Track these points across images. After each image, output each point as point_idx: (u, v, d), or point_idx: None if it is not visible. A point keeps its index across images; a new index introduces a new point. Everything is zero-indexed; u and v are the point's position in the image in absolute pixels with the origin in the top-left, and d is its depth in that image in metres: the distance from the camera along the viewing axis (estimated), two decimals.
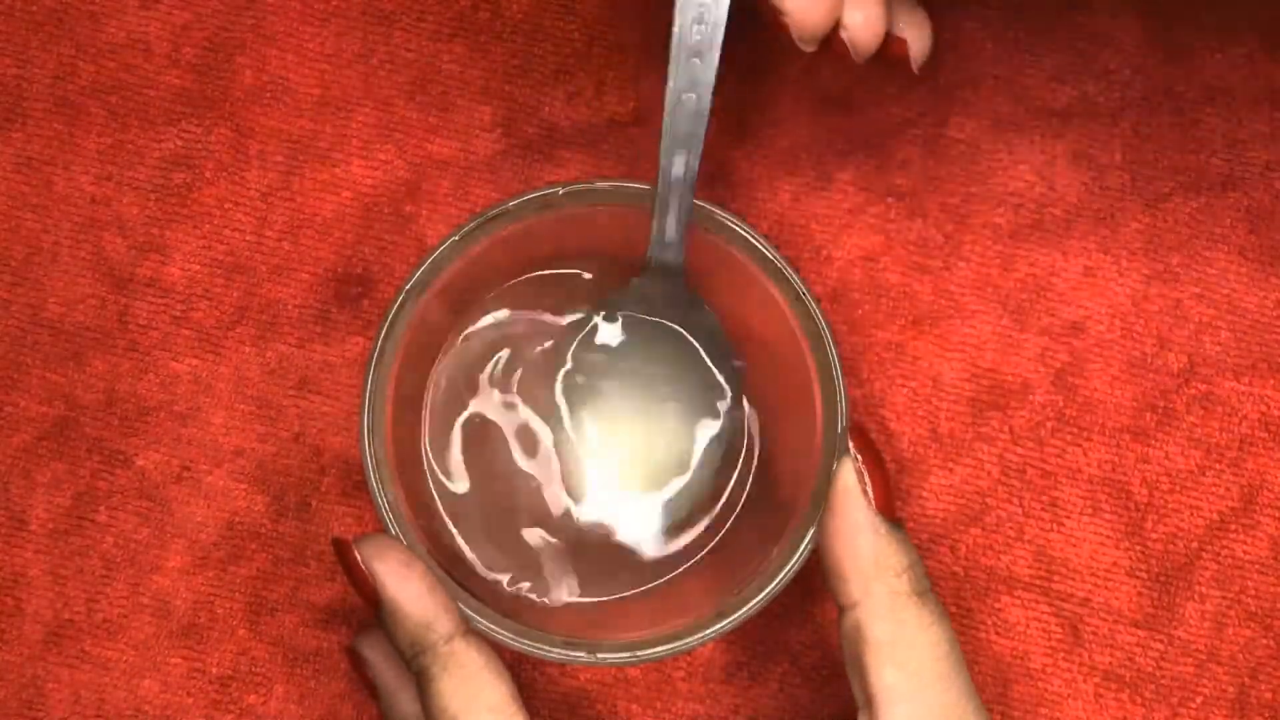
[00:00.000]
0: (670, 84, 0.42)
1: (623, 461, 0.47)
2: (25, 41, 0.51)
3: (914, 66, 0.44)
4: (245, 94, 0.51)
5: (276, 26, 0.51)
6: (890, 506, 0.42)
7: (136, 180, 0.51)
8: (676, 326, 0.47)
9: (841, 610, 0.42)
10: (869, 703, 0.41)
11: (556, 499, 0.47)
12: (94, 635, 0.49)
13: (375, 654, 0.45)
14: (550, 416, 0.47)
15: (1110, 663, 0.49)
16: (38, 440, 0.50)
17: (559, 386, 0.47)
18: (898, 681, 0.41)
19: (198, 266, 0.50)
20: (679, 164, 0.43)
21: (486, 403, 0.47)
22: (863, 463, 0.43)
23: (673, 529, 0.47)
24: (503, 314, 0.47)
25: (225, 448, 0.50)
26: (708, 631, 0.43)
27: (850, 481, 0.42)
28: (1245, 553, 0.49)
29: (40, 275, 0.50)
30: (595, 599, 0.47)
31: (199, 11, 0.51)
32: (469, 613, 0.43)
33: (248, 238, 0.51)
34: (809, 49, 0.43)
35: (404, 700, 0.45)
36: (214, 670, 0.49)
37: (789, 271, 0.44)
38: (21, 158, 0.51)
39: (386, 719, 0.45)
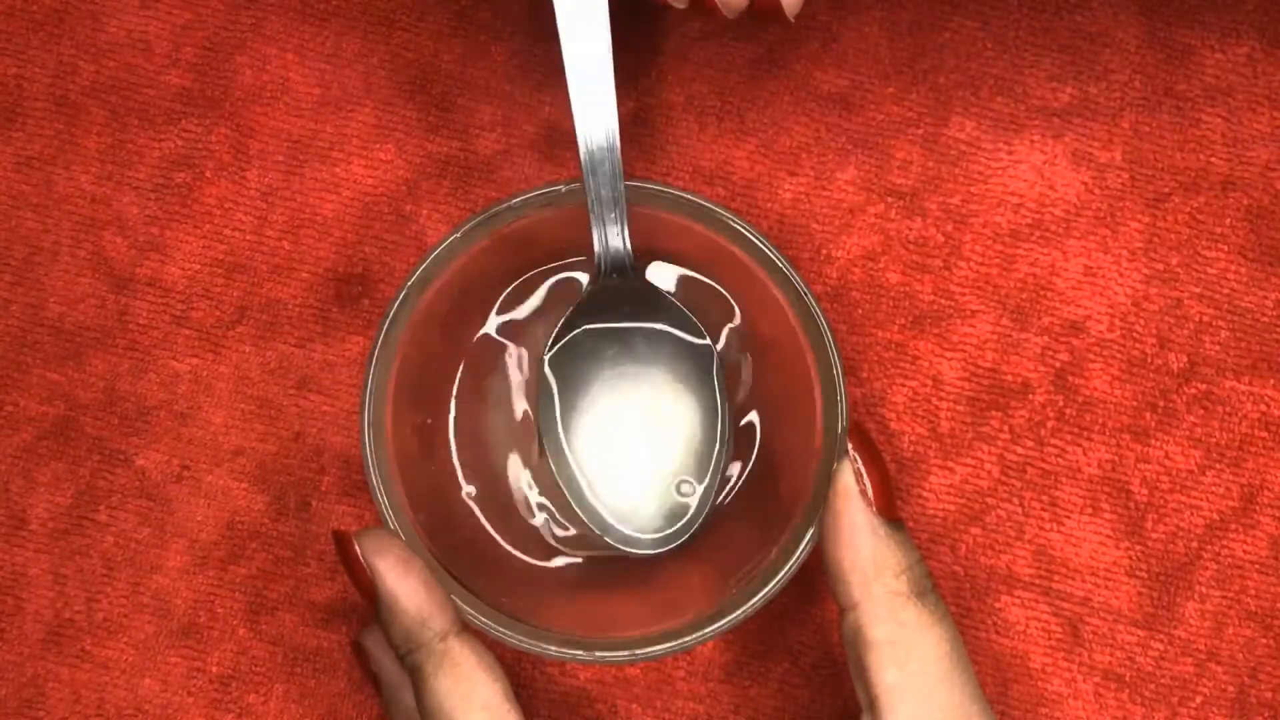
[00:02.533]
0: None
1: (621, 464, 0.46)
2: (25, 41, 0.51)
3: (789, 15, 0.44)
4: (245, 94, 0.51)
5: (276, 26, 0.51)
6: (890, 506, 0.42)
7: (136, 180, 0.51)
8: (643, 324, 0.46)
9: (842, 612, 0.42)
10: (872, 704, 0.41)
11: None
12: (94, 635, 0.49)
13: (379, 648, 0.45)
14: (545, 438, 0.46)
15: (1110, 662, 0.49)
16: (38, 440, 0.50)
17: (555, 410, 0.46)
18: (899, 682, 0.41)
19: (198, 266, 0.50)
20: (603, 186, 0.44)
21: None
22: (862, 463, 0.42)
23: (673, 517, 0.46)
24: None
25: (225, 447, 0.50)
26: (707, 631, 0.43)
27: (849, 482, 0.42)
28: (1245, 552, 0.49)
29: (40, 275, 0.50)
30: (594, 572, 0.46)
31: (199, 11, 0.51)
32: (468, 609, 0.43)
33: (248, 237, 0.51)
34: (679, 5, 0.44)
35: (407, 695, 0.45)
36: (214, 670, 0.49)
37: (790, 271, 0.44)
38: (21, 157, 0.51)
39: (389, 712, 0.45)
